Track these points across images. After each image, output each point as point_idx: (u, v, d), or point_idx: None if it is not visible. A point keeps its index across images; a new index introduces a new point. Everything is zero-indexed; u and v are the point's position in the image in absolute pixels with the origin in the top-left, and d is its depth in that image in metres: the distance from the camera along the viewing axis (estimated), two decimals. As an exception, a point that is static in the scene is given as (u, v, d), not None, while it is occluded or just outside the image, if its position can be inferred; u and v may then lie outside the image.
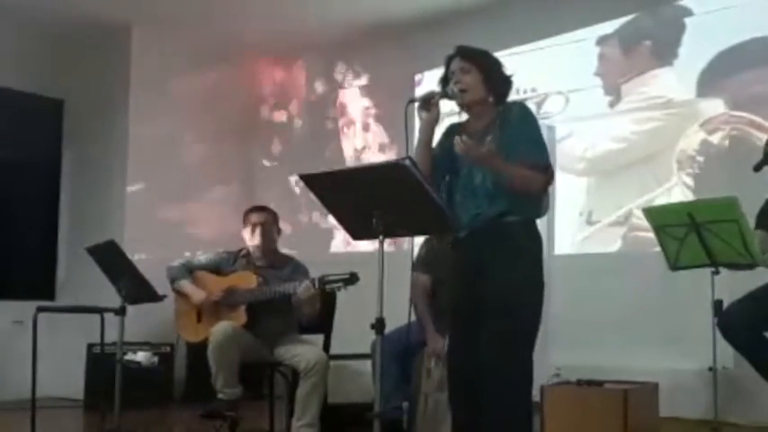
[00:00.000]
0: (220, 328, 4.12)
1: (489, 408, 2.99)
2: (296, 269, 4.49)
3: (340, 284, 4.03)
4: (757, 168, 4.03)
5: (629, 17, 5.74)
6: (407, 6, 6.27)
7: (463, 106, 3.19)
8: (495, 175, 2.99)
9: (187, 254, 4.67)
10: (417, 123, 3.22)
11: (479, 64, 3.15)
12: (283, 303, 4.29)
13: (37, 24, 6.52)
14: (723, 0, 5.32)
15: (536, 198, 3.10)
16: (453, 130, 3.25)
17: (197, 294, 4.39)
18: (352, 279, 3.99)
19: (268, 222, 4.52)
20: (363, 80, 7.11)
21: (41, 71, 6.78)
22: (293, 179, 7.12)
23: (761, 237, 3.86)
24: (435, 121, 3.14)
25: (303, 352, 4.23)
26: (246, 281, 4.37)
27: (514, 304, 3.00)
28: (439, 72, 3.28)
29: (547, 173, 3.05)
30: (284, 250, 4.76)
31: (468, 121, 3.23)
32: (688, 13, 5.50)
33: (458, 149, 2.94)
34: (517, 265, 3.03)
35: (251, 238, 4.51)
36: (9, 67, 6.58)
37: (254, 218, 4.54)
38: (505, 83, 3.20)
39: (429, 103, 3.12)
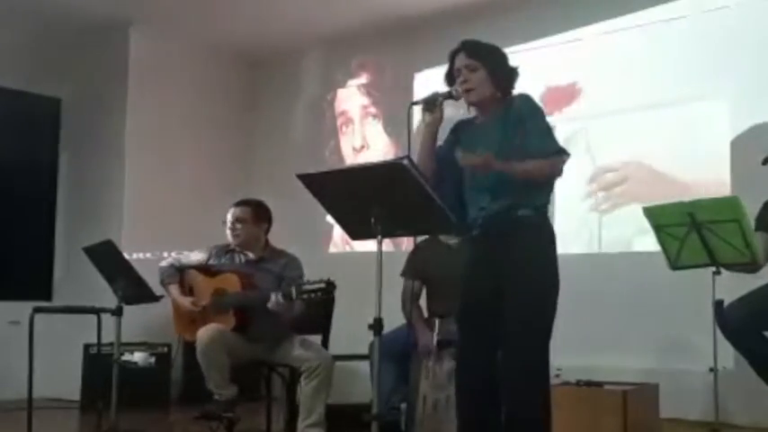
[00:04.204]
0: (204, 333, 4.10)
1: (510, 404, 2.97)
2: (289, 264, 4.41)
3: (318, 294, 3.90)
4: (765, 162, 3.99)
5: (631, 15, 5.71)
6: (408, 5, 6.25)
7: (470, 103, 3.16)
8: (507, 175, 2.97)
9: (184, 252, 4.63)
10: (416, 124, 3.20)
11: (485, 60, 3.11)
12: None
13: (34, 23, 6.50)
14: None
15: (541, 186, 3.07)
16: (460, 127, 3.23)
17: (183, 303, 4.39)
18: (328, 289, 3.85)
19: (237, 219, 4.41)
20: (362, 79, 7.09)
21: (39, 70, 6.77)
22: (292, 179, 7.09)
23: (764, 238, 3.84)
24: (439, 122, 3.12)
25: (306, 354, 4.23)
26: (231, 283, 4.31)
27: (529, 304, 2.98)
28: (438, 71, 3.26)
29: (561, 158, 3.03)
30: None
31: (475, 116, 3.21)
32: (690, 11, 5.47)
33: (463, 164, 2.95)
34: (530, 262, 3.01)
35: (228, 237, 4.45)
36: (6, 65, 6.56)
37: (230, 214, 4.46)
38: (511, 75, 3.16)
39: (433, 105, 3.10)
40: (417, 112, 3.16)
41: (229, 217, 4.45)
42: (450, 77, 3.15)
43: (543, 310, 3.03)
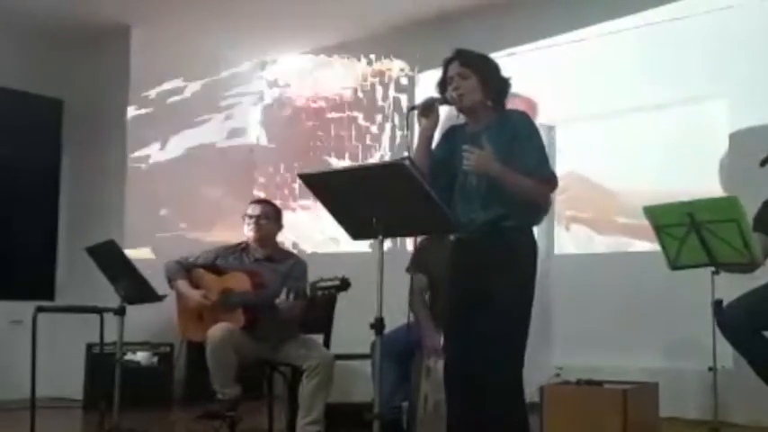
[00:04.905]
0: (216, 331, 4.11)
1: (483, 409, 3.02)
2: (295, 266, 4.47)
3: (332, 290, 3.94)
4: (763, 163, 4.01)
5: (630, 16, 5.72)
6: (408, 6, 6.27)
7: (463, 111, 3.20)
8: (500, 184, 3.01)
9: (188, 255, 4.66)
10: (417, 129, 3.24)
11: (477, 69, 3.18)
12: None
13: (36, 24, 6.52)
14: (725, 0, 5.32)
15: (533, 206, 3.12)
16: (452, 132, 3.28)
17: (193, 297, 4.40)
18: (343, 285, 3.88)
19: (263, 215, 4.50)
20: (363, 79, 7.10)
21: (41, 71, 6.78)
22: (293, 177, 7.12)
23: (761, 239, 3.86)
24: (434, 126, 3.20)
25: (308, 353, 4.25)
26: (240, 282, 4.34)
27: (506, 309, 3.03)
28: (438, 72, 3.29)
29: (550, 183, 3.12)
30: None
31: (466, 123, 3.25)
32: (689, 12, 5.48)
33: (468, 164, 2.97)
34: (511, 270, 3.06)
35: (247, 230, 4.50)
36: (9, 67, 6.58)
37: (250, 210, 4.54)
38: (503, 86, 3.22)
39: (428, 109, 3.16)
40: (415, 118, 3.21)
41: (253, 211, 4.51)
42: (443, 85, 3.21)
43: (518, 319, 3.08)
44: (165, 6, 6.34)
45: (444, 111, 3.38)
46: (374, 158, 6.71)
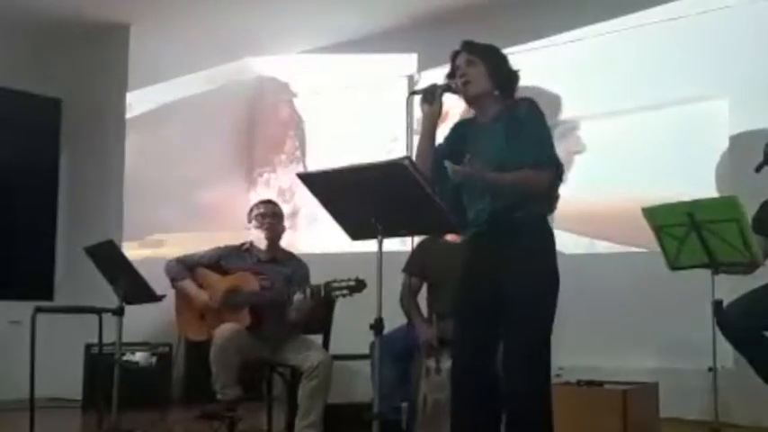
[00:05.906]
0: (224, 332, 4.11)
1: (509, 409, 2.97)
2: (297, 269, 4.48)
3: (345, 292, 3.93)
4: (758, 169, 4.02)
5: (630, 16, 5.72)
6: (408, 5, 6.26)
7: (469, 101, 3.16)
8: (492, 186, 2.96)
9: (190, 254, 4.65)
10: (417, 117, 3.20)
11: (484, 57, 3.11)
12: (285, 306, 4.27)
13: (35, 23, 6.51)
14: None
15: (536, 196, 3.06)
16: (461, 126, 3.23)
17: (199, 296, 4.39)
18: (358, 286, 3.86)
19: (273, 214, 4.50)
20: (363, 78, 7.10)
21: (39, 70, 6.77)
22: (293, 177, 7.12)
23: (759, 239, 3.85)
24: (438, 114, 3.10)
25: (307, 353, 4.24)
26: (248, 282, 4.34)
27: (529, 303, 2.96)
28: (438, 71, 3.27)
29: (551, 170, 3.00)
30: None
31: (475, 116, 3.20)
32: (689, 11, 5.47)
33: (451, 175, 2.91)
34: (530, 262, 2.98)
35: (257, 230, 4.48)
36: (6, 66, 6.57)
37: (261, 209, 4.52)
38: (512, 76, 3.15)
39: (432, 95, 3.10)
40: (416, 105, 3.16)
41: (265, 209, 4.50)
42: (452, 77, 3.15)
43: (542, 309, 3.01)
44: (164, 5, 6.34)
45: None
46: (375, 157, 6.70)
